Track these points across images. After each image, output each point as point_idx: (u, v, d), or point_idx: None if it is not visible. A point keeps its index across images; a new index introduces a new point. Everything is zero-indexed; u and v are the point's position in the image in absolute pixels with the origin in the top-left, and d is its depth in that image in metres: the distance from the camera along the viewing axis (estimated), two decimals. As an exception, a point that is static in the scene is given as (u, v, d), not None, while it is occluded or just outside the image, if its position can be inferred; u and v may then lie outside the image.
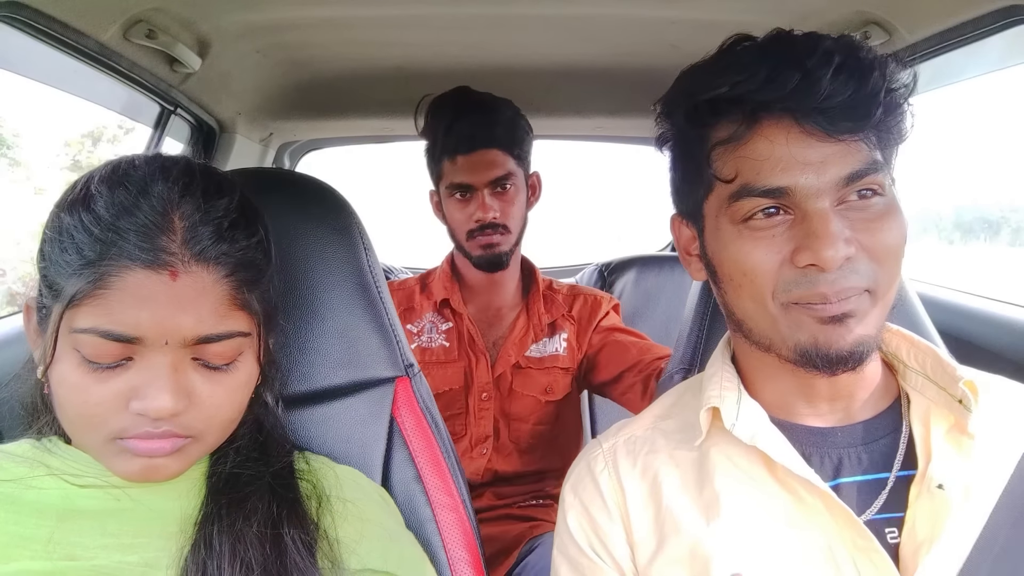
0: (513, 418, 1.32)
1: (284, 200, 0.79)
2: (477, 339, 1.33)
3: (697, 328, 0.90)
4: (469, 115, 1.26)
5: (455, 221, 1.32)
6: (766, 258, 0.58)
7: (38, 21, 0.90)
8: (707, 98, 0.59)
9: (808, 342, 0.57)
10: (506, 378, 1.33)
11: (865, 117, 0.55)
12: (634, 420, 0.73)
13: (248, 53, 1.34)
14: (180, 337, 0.54)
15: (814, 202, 0.56)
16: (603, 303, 1.38)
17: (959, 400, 0.60)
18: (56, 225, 0.56)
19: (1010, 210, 3.34)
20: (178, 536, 0.58)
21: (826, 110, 0.54)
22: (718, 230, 0.61)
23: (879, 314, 0.59)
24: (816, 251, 0.55)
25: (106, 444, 0.56)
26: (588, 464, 0.70)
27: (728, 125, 0.58)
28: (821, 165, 0.55)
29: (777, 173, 0.56)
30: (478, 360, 1.32)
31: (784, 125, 0.56)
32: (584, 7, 1.19)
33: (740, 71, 0.56)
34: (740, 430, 0.61)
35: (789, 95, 0.54)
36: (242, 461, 0.63)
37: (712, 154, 0.60)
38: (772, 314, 0.59)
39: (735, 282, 0.61)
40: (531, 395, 1.32)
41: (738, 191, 0.58)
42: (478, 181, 1.26)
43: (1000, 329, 1.27)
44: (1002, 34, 0.97)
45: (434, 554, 0.73)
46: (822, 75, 0.53)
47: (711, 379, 0.67)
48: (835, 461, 0.62)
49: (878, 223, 0.57)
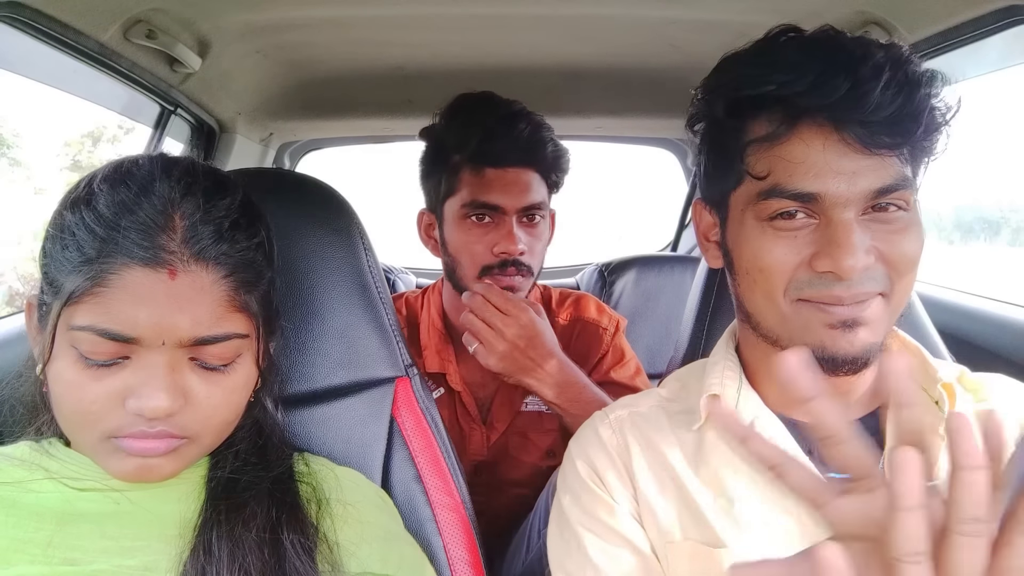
0: (508, 484, 1.16)
1: (284, 200, 0.79)
2: (471, 409, 1.15)
3: (697, 328, 0.90)
4: (511, 124, 1.06)
5: (466, 251, 1.07)
6: (785, 258, 0.58)
7: (38, 21, 0.90)
8: (752, 94, 0.58)
9: (816, 345, 0.58)
10: (501, 444, 1.16)
11: (904, 134, 0.55)
12: (639, 397, 0.74)
13: (248, 53, 1.34)
14: (177, 337, 0.54)
15: (841, 211, 0.56)
16: (604, 336, 1.20)
17: (936, 401, 0.61)
18: (58, 222, 0.56)
19: (1010, 210, 3.34)
20: (177, 540, 0.58)
21: (868, 123, 0.54)
22: (742, 224, 0.61)
23: (889, 321, 0.59)
24: (836, 259, 0.55)
25: (101, 442, 0.56)
26: (595, 427, 0.71)
27: (767, 123, 0.58)
28: (853, 176, 0.55)
29: (809, 178, 0.56)
30: (472, 431, 1.15)
31: (823, 131, 0.56)
32: (584, 7, 1.19)
33: (789, 70, 0.56)
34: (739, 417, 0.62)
35: (835, 103, 0.54)
36: (241, 465, 0.63)
37: (747, 149, 0.60)
38: (783, 311, 0.60)
39: (751, 276, 0.61)
40: (530, 462, 1.16)
41: (769, 190, 0.58)
42: (509, 204, 1.05)
43: (1000, 329, 1.27)
44: (1002, 34, 0.97)
45: (434, 554, 0.73)
46: (871, 88, 0.53)
47: (714, 366, 0.68)
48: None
49: (899, 235, 0.57)
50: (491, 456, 1.16)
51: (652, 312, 1.74)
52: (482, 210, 1.06)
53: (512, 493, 1.16)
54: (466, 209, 1.07)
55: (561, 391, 1.03)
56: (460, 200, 1.07)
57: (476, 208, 1.06)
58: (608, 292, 1.80)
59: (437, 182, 1.11)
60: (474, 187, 1.06)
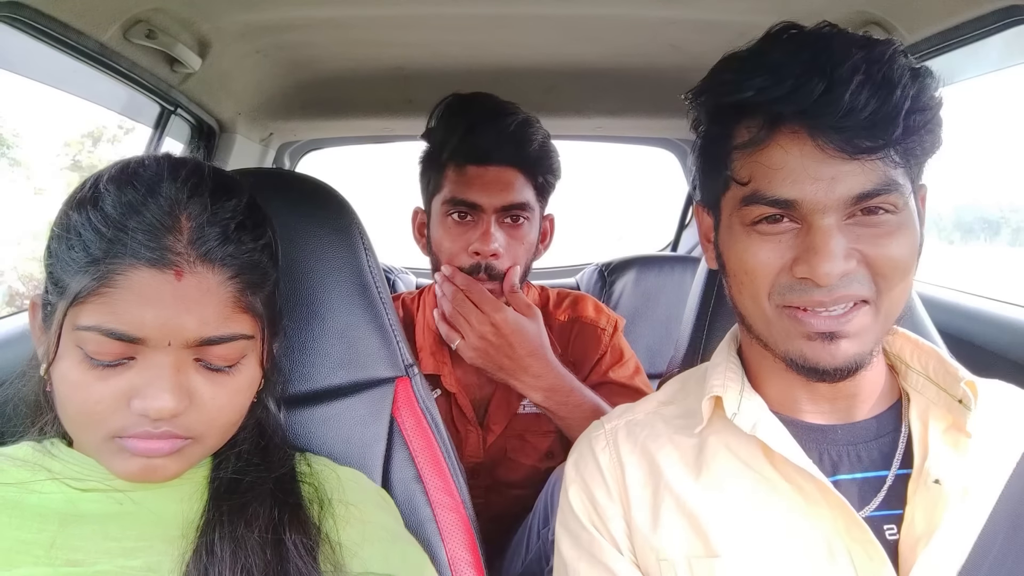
0: (506, 485, 1.15)
1: (284, 200, 0.79)
2: (467, 411, 1.14)
3: (697, 328, 0.91)
4: (496, 122, 1.04)
5: (444, 248, 1.06)
6: (768, 261, 0.58)
7: (38, 21, 0.90)
8: (730, 101, 0.59)
9: (796, 354, 0.59)
10: (499, 446, 1.15)
11: (883, 137, 0.54)
12: (637, 404, 0.74)
13: (248, 53, 1.34)
14: (183, 338, 0.54)
15: (820, 217, 0.56)
16: (602, 337, 1.19)
17: (959, 400, 0.60)
18: (64, 222, 0.56)
19: (1010, 210, 3.34)
20: (180, 540, 0.58)
21: (843, 128, 0.53)
22: (730, 227, 0.62)
23: (879, 330, 0.59)
24: (813, 266, 0.55)
25: (105, 443, 0.56)
26: (590, 442, 0.71)
27: (749, 128, 0.59)
28: (831, 182, 0.55)
29: (787, 185, 0.56)
30: (468, 433, 1.14)
31: (800, 137, 0.56)
32: (584, 7, 1.19)
33: (768, 75, 0.56)
34: (741, 419, 0.62)
35: (809, 108, 0.54)
36: (243, 466, 0.63)
37: (732, 155, 0.60)
38: (767, 315, 0.60)
39: (738, 279, 0.62)
40: (528, 464, 1.15)
41: (750, 196, 0.58)
42: (487, 202, 1.03)
43: (1000, 329, 1.27)
44: (1002, 34, 0.97)
45: (434, 554, 0.73)
46: (843, 91, 0.52)
47: (715, 368, 0.68)
48: (834, 458, 0.62)
49: (885, 239, 0.57)
50: (488, 458, 1.15)
51: (652, 312, 1.74)
52: (462, 207, 1.05)
53: (511, 494, 1.16)
54: (447, 206, 1.06)
55: (550, 394, 1.03)
56: (443, 197, 1.07)
57: (455, 205, 1.05)
58: (608, 292, 1.80)
59: (427, 180, 1.12)
60: (456, 184, 1.05)
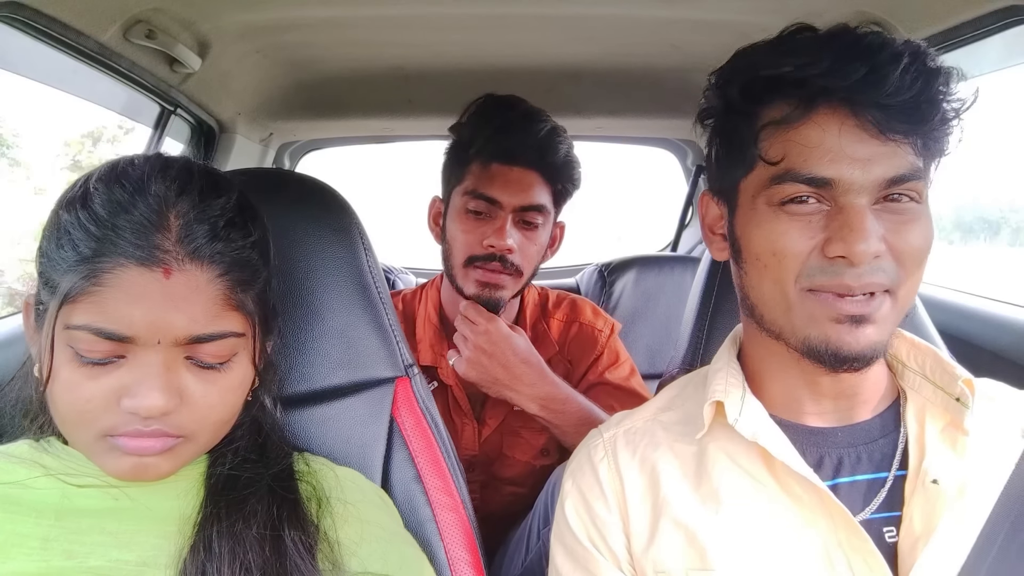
0: (502, 482, 1.17)
1: (284, 200, 0.79)
2: (463, 403, 1.17)
3: (697, 328, 0.90)
4: (527, 126, 1.08)
5: (459, 239, 1.10)
6: (798, 241, 0.58)
7: (38, 21, 0.90)
8: (769, 75, 0.59)
9: (819, 338, 0.58)
10: (494, 441, 1.17)
11: (920, 121, 0.55)
12: (635, 411, 0.73)
13: (248, 53, 1.34)
14: (172, 336, 0.54)
15: (854, 197, 0.56)
16: (599, 338, 1.21)
17: (956, 398, 0.60)
18: (55, 222, 0.56)
19: (1010, 210, 3.34)
20: (176, 536, 0.58)
21: (886, 107, 0.54)
22: (753, 210, 0.61)
23: (894, 319, 0.59)
24: (849, 244, 0.55)
25: (96, 441, 0.56)
26: (588, 453, 0.70)
27: (783, 106, 0.58)
28: (868, 162, 0.56)
29: (825, 163, 0.56)
30: (463, 426, 1.16)
31: (839, 115, 0.56)
32: (584, 7, 1.19)
33: (806, 55, 0.56)
34: (743, 426, 0.62)
35: (853, 85, 0.54)
36: (240, 463, 0.63)
37: (761, 133, 0.60)
38: (790, 300, 0.59)
39: (761, 262, 0.61)
40: (524, 460, 1.17)
41: (782, 174, 0.58)
42: (507, 200, 1.07)
43: (1000, 329, 1.27)
44: (1002, 34, 0.97)
45: (434, 554, 0.73)
46: (890, 71, 0.53)
47: (716, 373, 0.68)
48: (835, 460, 0.62)
49: (909, 227, 0.57)
50: (484, 453, 1.17)
51: (652, 312, 1.74)
52: (481, 201, 1.08)
53: (507, 491, 1.18)
54: (466, 199, 1.09)
55: (544, 405, 1.05)
56: (463, 189, 1.10)
57: (475, 198, 1.08)
58: (608, 292, 1.80)
59: (450, 172, 1.15)
60: (478, 179, 1.08)
